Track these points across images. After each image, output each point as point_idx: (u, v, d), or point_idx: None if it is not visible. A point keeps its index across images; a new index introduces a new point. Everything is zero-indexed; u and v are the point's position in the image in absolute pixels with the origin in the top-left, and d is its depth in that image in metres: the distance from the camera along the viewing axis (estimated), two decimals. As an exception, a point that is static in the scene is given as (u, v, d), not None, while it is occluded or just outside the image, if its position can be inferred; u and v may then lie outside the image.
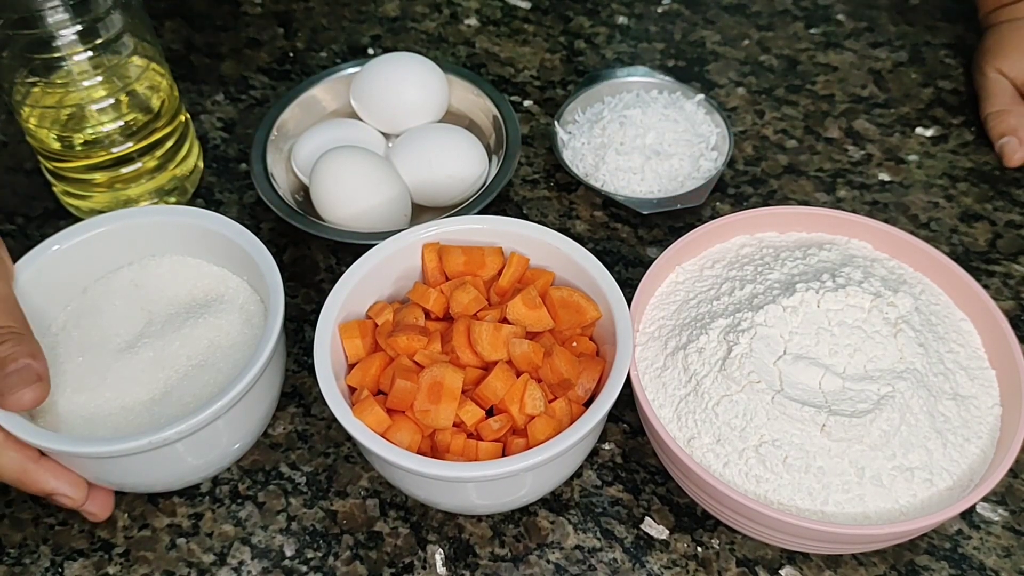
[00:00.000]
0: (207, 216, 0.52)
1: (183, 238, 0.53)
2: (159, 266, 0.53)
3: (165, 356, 0.49)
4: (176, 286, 0.53)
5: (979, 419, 0.46)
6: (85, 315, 0.51)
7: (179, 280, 0.53)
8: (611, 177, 0.62)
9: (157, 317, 0.51)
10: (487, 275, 0.50)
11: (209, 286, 0.53)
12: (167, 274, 0.53)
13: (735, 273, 0.51)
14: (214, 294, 0.52)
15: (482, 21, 0.77)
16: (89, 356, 0.49)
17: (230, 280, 0.53)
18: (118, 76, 0.56)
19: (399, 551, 0.48)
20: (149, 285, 0.52)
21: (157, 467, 0.46)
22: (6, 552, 0.48)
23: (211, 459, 0.48)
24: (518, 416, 0.45)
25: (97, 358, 0.49)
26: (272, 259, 0.50)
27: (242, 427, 0.48)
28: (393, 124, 0.64)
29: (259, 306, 0.52)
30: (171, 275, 0.53)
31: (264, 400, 0.49)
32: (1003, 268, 0.59)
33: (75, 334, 0.50)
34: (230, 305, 0.51)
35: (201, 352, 0.49)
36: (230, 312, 0.51)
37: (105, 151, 0.57)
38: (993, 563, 0.47)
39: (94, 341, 0.50)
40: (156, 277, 0.53)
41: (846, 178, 0.65)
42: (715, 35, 0.75)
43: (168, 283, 0.53)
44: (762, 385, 0.45)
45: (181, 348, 0.49)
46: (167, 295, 0.52)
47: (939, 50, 0.74)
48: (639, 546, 0.48)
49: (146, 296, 0.52)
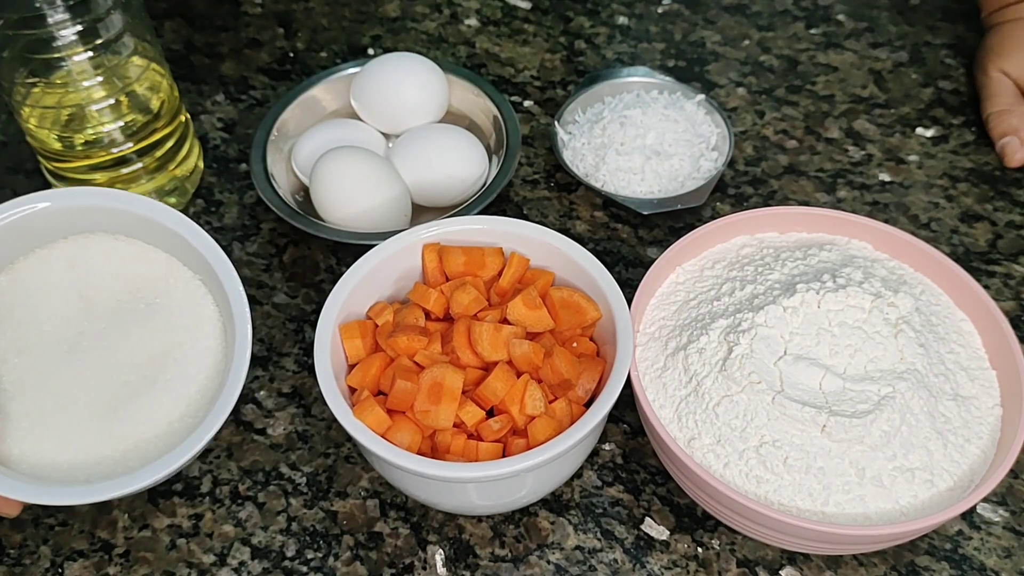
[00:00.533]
0: (156, 208, 0.47)
1: (126, 224, 0.48)
2: (96, 245, 0.47)
3: (112, 363, 0.45)
4: (118, 271, 0.47)
5: (980, 420, 0.46)
6: (18, 303, 0.46)
7: (120, 263, 0.47)
8: (611, 177, 0.62)
9: (98, 310, 0.46)
10: (487, 275, 0.50)
11: (156, 275, 0.48)
12: (106, 255, 0.47)
13: (735, 273, 0.51)
14: (162, 286, 0.47)
15: (482, 21, 0.77)
16: (27, 357, 0.45)
17: (180, 272, 0.48)
18: (118, 76, 0.56)
19: (399, 551, 0.48)
20: (87, 267, 0.47)
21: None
22: (6, 552, 0.48)
23: None
24: (518, 417, 0.45)
25: (36, 360, 0.45)
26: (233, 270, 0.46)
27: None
28: (393, 124, 0.64)
29: (213, 309, 0.48)
30: (111, 257, 0.47)
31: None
32: (1003, 268, 0.59)
33: (7, 329, 0.45)
34: (180, 304, 0.47)
35: (153, 362, 0.45)
36: (181, 314, 0.46)
37: (105, 151, 0.57)
38: (994, 564, 0.47)
39: (31, 339, 0.45)
40: (94, 257, 0.47)
41: (846, 178, 0.65)
42: (715, 35, 0.75)
43: (109, 267, 0.47)
44: (763, 386, 0.45)
45: (130, 356, 0.45)
46: (108, 281, 0.47)
47: (939, 50, 0.74)
48: (639, 547, 0.48)
49: (83, 280, 0.47)
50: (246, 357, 0.45)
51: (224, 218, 0.63)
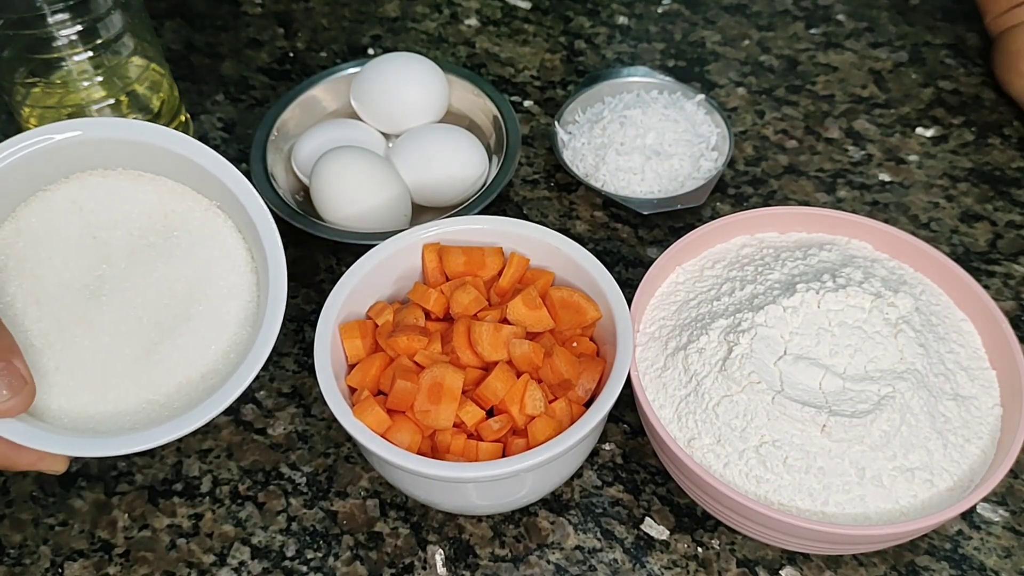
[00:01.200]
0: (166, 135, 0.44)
1: (134, 156, 0.45)
2: (104, 183, 0.44)
3: (139, 304, 0.43)
4: (130, 208, 0.44)
5: (979, 420, 0.46)
6: (29, 252, 0.43)
7: (132, 200, 0.44)
8: (611, 177, 0.62)
9: (115, 250, 0.44)
10: (487, 275, 0.50)
11: (171, 207, 0.45)
12: (116, 193, 0.44)
13: (735, 273, 0.51)
14: (178, 219, 0.45)
15: (482, 21, 0.77)
16: (48, 308, 0.42)
17: (197, 202, 0.45)
18: (118, 76, 0.56)
19: (399, 551, 0.48)
20: (97, 207, 0.44)
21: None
22: (6, 552, 0.48)
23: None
24: (518, 416, 0.45)
25: (59, 310, 0.42)
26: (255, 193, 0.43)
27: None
28: (393, 124, 0.64)
29: (237, 237, 0.45)
30: (121, 194, 0.45)
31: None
32: (1003, 268, 0.59)
33: (21, 281, 0.43)
34: (201, 235, 0.44)
35: (181, 298, 0.43)
36: (204, 247, 0.44)
37: None
38: (994, 564, 0.47)
39: (48, 288, 0.43)
40: (103, 197, 0.44)
41: (846, 178, 0.65)
42: (715, 35, 0.75)
43: (120, 205, 0.44)
44: (762, 385, 0.45)
45: (157, 294, 0.43)
46: (120, 221, 0.44)
47: (939, 50, 0.74)
48: (639, 546, 0.48)
49: (95, 222, 0.44)
50: (282, 282, 0.42)
51: (224, 218, 0.63)
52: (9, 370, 0.39)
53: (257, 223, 0.43)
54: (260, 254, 0.43)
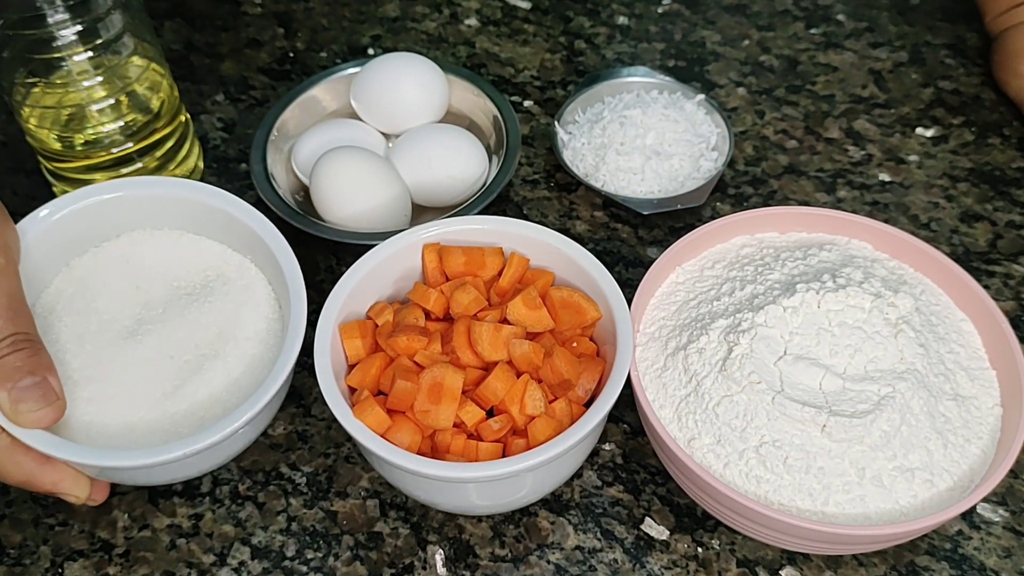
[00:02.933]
0: (209, 191, 0.49)
1: (177, 212, 0.50)
2: (150, 240, 0.50)
3: (171, 344, 0.46)
4: (172, 263, 0.50)
5: (980, 420, 0.46)
6: (76, 297, 0.48)
7: (174, 256, 0.50)
8: (611, 177, 0.62)
9: (155, 299, 0.48)
10: (487, 275, 0.50)
11: (209, 263, 0.50)
12: (160, 249, 0.50)
13: (735, 273, 0.51)
14: (214, 273, 0.49)
15: (482, 21, 0.77)
16: (88, 344, 0.47)
17: (231, 257, 0.50)
18: (118, 76, 0.56)
19: (399, 551, 0.48)
20: (141, 261, 0.49)
21: (168, 471, 0.45)
22: (6, 552, 0.48)
23: (220, 460, 0.48)
24: (518, 417, 0.45)
25: (98, 347, 0.47)
26: (286, 242, 0.47)
27: (259, 427, 0.47)
28: (393, 124, 0.64)
29: (267, 288, 0.50)
30: (165, 250, 0.50)
31: (280, 397, 0.47)
32: (1003, 268, 0.59)
33: (67, 319, 0.47)
34: (234, 287, 0.48)
35: (211, 341, 0.47)
36: (237, 295, 0.48)
37: (105, 151, 0.57)
38: (994, 564, 0.47)
39: (91, 327, 0.47)
40: (148, 253, 0.50)
41: (846, 178, 0.65)
42: (715, 35, 0.75)
43: (162, 259, 0.50)
44: (762, 386, 0.45)
45: (188, 336, 0.47)
46: (162, 273, 0.49)
47: (939, 50, 0.74)
48: (639, 547, 0.48)
49: (139, 274, 0.49)
50: (300, 333, 0.45)
51: (224, 218, 0.63)
52: (44, 385, 0.42)
53: (286, 274, 0.47)
54: (286, 302, 0.46)
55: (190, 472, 0.48)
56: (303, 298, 0.46)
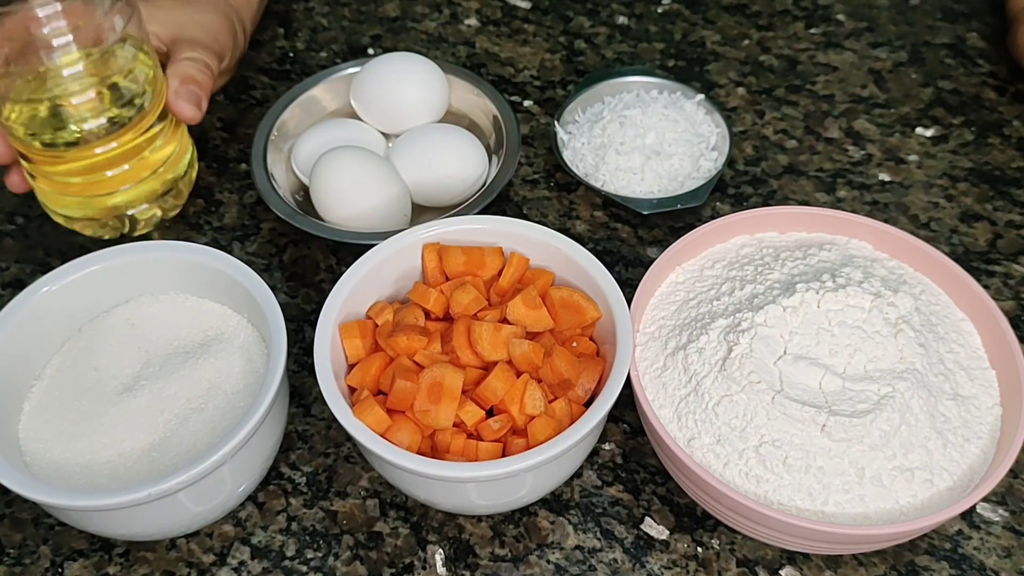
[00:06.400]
0: (206, 252, 0.51)
1: (180, 275, 0.52)
2: (156, 304, 0.52)
3: (163, 399, 0.48)
4: (174, 325, 0.51)
5: (979, 419, 0.46)
6: (80, 356, 0.50)
7: (177, 318, 0.52)
8: (611, 177, 0.62)
9: (155, 357, 0.50)
10: (487, 275, 0.50)
11: (209, 324, 0.51)
12: (164, 312, 0.52)
13: (735, 273, 0.51)
14: (213, 332, 0.51)
15: (482, 21, 0.77)
16: (85, 400, 0.48)
17: (230, 318, 0.52)
18: (103, 68, 0.54)
19: (399, 551, 0.48)
20: (146, 324, 0.51)
21: (160, 516, 0.45)
22: (6, 552, 0.48)
23: (215, 505, 0.47)
24: (518, 416, 0.45)
25: (94, 402, 0.48)
26: (273, 298, 0.49)
27: (247, 470, 0.47)
28: (393, 124, 0.64)
29: (260, 345, 0.51)
30: (168, 313, 0.52)
31: (268, 442, 0.48)
32: (1003, 268, 0.59)
33: (70, 376, 0.49)
34: (230, 345, 0.50)
35: (201, 395, 0.48)
36: (230, 352, 0.49)
37: (89, 151, 0.55)
38: (993, 563, 0.47)
39: (90, 384, 0.49)
40: (153, 316, 0.52)
41: (846, 178, 0.65)
42: (715, 35, 0.75)
43: (165, 321, 0.52)
44: (762, 385, 0.45)
45: (180, 391, 0.48)
46: (165, 334, 0.51)
47: (939, 50, 0.74)
48: (639, 546, 0.48)
49: (143, 336, 0.51)
50: (274, 385, 0.45)
51: (224, 218, 0.63)
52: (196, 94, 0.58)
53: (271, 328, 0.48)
54: (272, 357, 0.47)
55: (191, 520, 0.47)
56: (283, 352, 0.46)
